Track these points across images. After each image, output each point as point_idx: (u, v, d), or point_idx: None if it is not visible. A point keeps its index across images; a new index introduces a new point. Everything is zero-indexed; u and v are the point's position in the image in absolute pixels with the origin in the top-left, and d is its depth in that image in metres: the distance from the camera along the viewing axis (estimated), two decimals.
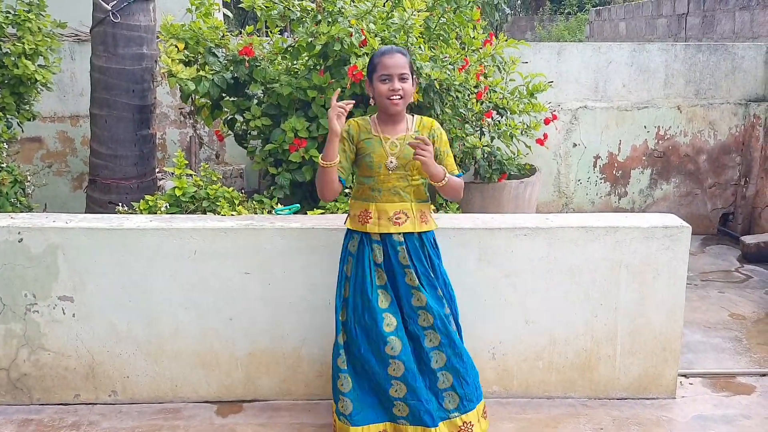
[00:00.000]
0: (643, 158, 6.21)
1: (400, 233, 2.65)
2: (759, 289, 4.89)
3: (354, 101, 2.74)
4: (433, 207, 3.96)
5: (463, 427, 2.68)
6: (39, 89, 4.48)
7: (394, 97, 2.57)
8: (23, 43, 4.21)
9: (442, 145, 2.72)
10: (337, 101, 2.57)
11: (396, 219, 2.65)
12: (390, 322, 2.63)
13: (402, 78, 2.57)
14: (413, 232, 2.67)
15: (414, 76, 2.65)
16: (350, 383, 2.68)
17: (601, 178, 6.24)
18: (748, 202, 6.16)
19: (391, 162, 2.63)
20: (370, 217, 2.65)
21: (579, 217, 3.31)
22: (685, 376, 3.52)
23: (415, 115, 2.75)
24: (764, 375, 3.58)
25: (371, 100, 2.70)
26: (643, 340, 3.25)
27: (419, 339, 2.66)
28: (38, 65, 4.37)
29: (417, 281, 2.65)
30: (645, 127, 6.14)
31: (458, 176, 2.74)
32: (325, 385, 3.19)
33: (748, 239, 5.59)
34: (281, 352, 3.20)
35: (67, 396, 3.21)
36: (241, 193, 3.89)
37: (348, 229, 2.78)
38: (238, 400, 3.25)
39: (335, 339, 2.74)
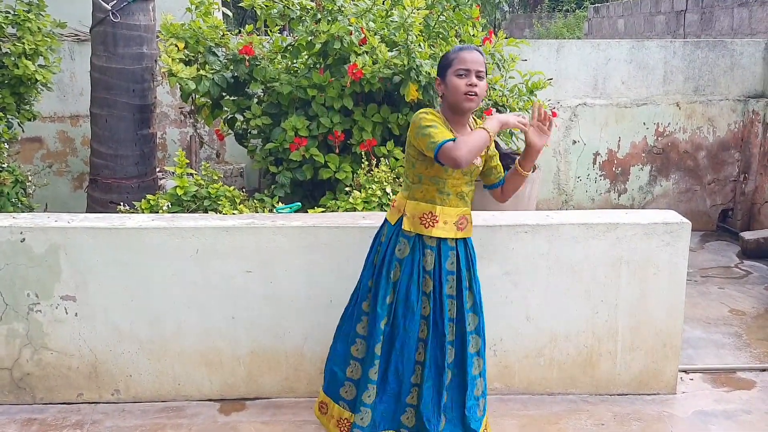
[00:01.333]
0: (643, 155, 6.22)
1: (454, 239, 2.56)
2: (758, 285, 4.90)
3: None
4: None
5: None
6: (39, 89, 4.49)
7: (470, 93, 2.43)
8: (23, 43, 4.21)
9: (493, 147, 2.64)
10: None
11: (460, 224, 2.55)
12: (423, 329, 2.58)
13: (479, 75, 2.45)
14: (462, 239, 2.59)
15: (485, 80, 2.53)
16: (375, 394, 2.60)
17: (600, 175, 6.25)
18: (748, 198, 6.17)
19: (474, 163, 2.52)
20: (437, 221, 2.51)
21: (579, 214, 3.32)
22: (685, 371, 3.54)
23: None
24: (764, 370, 3.59)
25: (439, 98, 2.59)
26: (643, 336, 3.26)
27: (443, 352, 2.59)
28: (38, 65, 4.37)
29: (455, 290, 2.57)
30: (644, 123, 6.15)
31: (501, 181, 2.70)
32: None
33: (748, 235, 5.61)
34: (283, 351, 3.21)
35: (70, 395, 3.22)
36: (242, 192, 3.90)
37: (399, 231, 2.60)
38: (240, 398, 3.26)
39: (365, 348, 2.63)
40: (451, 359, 2.60)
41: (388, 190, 3.64)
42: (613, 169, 6.24)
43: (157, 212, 3.59)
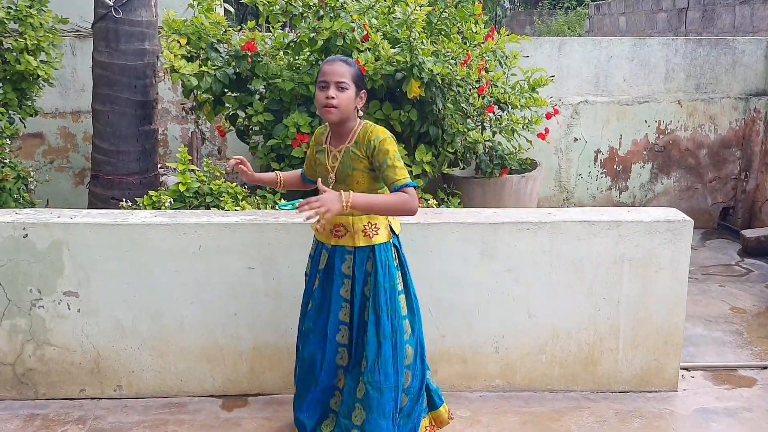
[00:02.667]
0: (644, 153, 6.22)
1: (352, 246, 2.57)
2: (759, 283, 4.91)
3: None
4: (434, 202, 3.99)
5: None
6: (41, 85, 4.48)
7: (327, 106, 2.42)
8: (25, 39, 4.21)
9: (380, 155, 2.44)
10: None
11: (336, 232, 2.58)
12: (304, 324, 2.71)
13: (339, 87, 2.42)
14: (366, 248, 2.55)
15: (361, 90, 2.50)
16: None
17: (601, 173, 6.25)
18: (749, 196, 6.17)
19: (331, 178, 2.54)
20: (319, 225, 2.46)
21: (582, 212, 3.32)
22: (686, 369, 3.54)
23: (366, 124, 2.54)
24: (765, 368, 3.60)
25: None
26: (645, 333, 3.27)
27: (332, 354, 2.65)
28: (40, 61, 4.37)
29: (349, 295, 2.59)
30: (645, 121, 6.15)
31: (398, 187, 2.41)
32: None
33: (749, 233, 5.61)
34: (286, 347, 3.21)
35: (72, 391, 3.22)
36: (244, 188, 3.90)
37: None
38: (243, 394, 3.26)
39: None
40: (344, 362, 2.66)
41: None
42: (615, 166, 6.24)
43: (160, 208, 3.59)
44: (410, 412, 2.67)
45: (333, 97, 2.42)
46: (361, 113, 2.56)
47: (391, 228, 2.61)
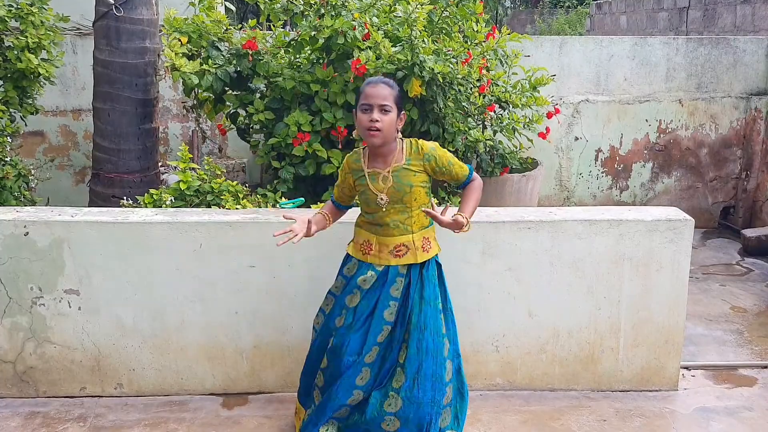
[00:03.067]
0: (645, 152, 6.22)
1: (405, 267, 2.59)
2: (760, 282, 4.90)
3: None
4: (435, 201, 3.98)
5: None
6: (42, 83, 4.47)
7: (372, 129, 2.44)
8: (26, 37, 4.20)
9: (441, 162, 2.57)
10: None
11: (397, 252, 2.58)
12: (330, 342, 2.68)
13: (383, 109, 2.44)
14: (417, 265, 2.60)
15: (402, 112, 2.53)
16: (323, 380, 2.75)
17: (602, 172, 6.25)
18: (749, 195, 6.17)
19: (382, 200, 2.53)
20: (371, 249, 2.60)
21: (583, 211, 3.32)
22: (687, 368, 3.54)
23: (410, 141, 2.60)
24: (766, 367, 3.60)
25: (355, 132, 2.63)
26: (646, 332, 3.27)
27: (382, 396, 2.62)
28: (41, 59, 4.36)
29: (393, 317, 2.59)
30: (646, 120, 6.15)
31: (469, 177, 2.64)
32: None
33: (749, 232, 5.61)
34: (286, 345, 3.22)
35: (73, 389, 3.22)
36: (245, 187, 3.89)
37: (347, 255, 2.73)
38: (243, 393, 3.26)
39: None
40: (362, 382, 2.62)
41: None
42: (615, 165, 6.24)
43: (161, 207, 3.59)
44: (458, 414, 2.74)
45: (377, 120, 2.44)
46: (400, 134, 2.57)
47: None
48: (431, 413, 2.59)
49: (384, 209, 2.54)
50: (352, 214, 3.22)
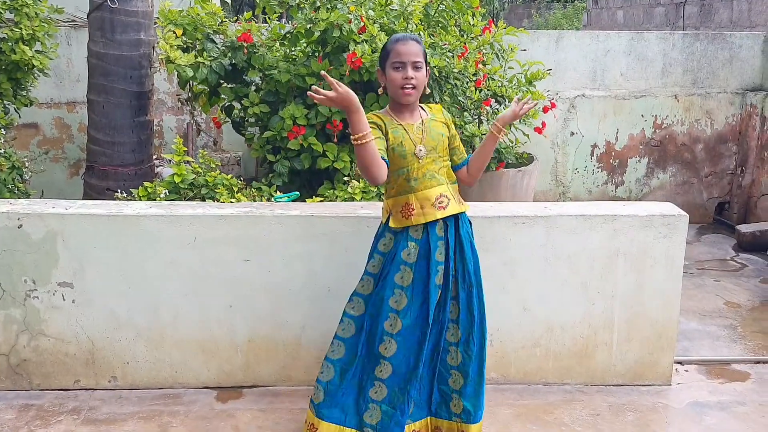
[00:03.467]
0: (640, 147, 6.23)
1: (442, 228, 2.55)
2: (754, 278, 4.92)
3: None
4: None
5: None
6: (36, 75, 4.45)
7: (407, 86, 2.43)
8: (20, 29, 4.17)
9: (454, 129, 2.67)
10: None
11: (439, 203, 2.53)
12: (394, 323, 2.54)
13: (416, 66, 2.44)
14: (453, 219, 2.57)
15: (427, 67, 2.54)
16: (332, 375, 2.60)
17: (598, 167, 6.25)
18: (744, 191, 6.19)
19: (420, 150, 2.51)
20: (413, 209, 2.51)
21: (577, 206, 3.32)
22: (680, 363, 3.56)
23: (421, 105, 2.62)
24: (759, 362, 3.62)
25: (381, 89, 2.58)
26: (639, 327, 3.28)
27: (443, 352, 2.61)
28: (35, 51, 4.34)
29: (448, 281, 2.56)
30: (642, 116, 6.15)
31: (465, 161, 2.69)
32: None
33: (744, 228, 5.63)
34: (281, 339, 3.22)
35: (67, 382, 3.22)
36: (240, 180, 3.89)
37: (385, 227, 2.61)
38: (238, 386, 3.27)
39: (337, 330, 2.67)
40: (453, 362, 2.63)
41: None
42: (611, 161, 6.25)
43: (155, 200, 3.58)
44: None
45: (413, 78, 2.43)
46: (428, 90, 2.58)
47: None
48: (481, 365, 2.66)
49: (420, 161, 2.52)
50: (348, 207, 3.23)
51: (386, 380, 2.56)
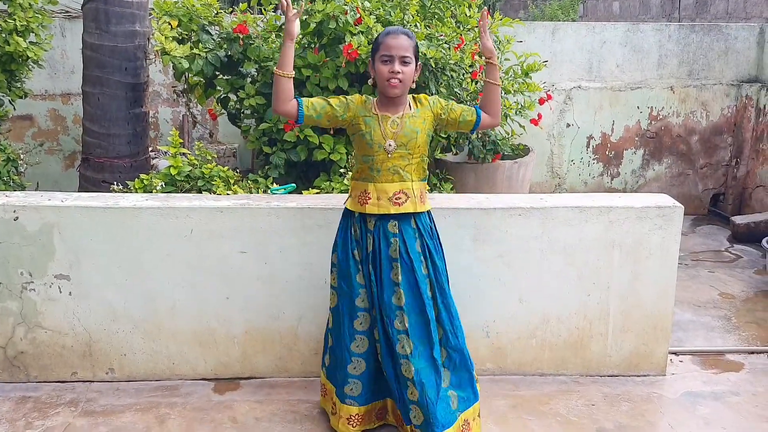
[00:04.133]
0: (636, 139, 6.24)
1: (395, 224, 2.59)
2: (748, 269, 4.95)
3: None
4: (427, 187, 3.99)
5: None
6: (30, 66, 4.43)
7: (393, 80, 2.48)
8: (14, 20, 4.15)
9: (443, 105, 2.65)
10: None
11: (396, 199, 2.57)
12: (363, 321, 2.67)
13: (403, 61, 2.48)
14: (410, 217, 2.61)
15: (418, 63, 2.56)
16: (364, 366, 2.71)
17: (594, 159, 6.26)
18: (739, 182, 6.21)
19: (390, 145, 2.54)
20: (369, 198, 2.58)
21: (573, 198, 3.33)
22: (675, 353, 3.58)
23: (411, 96, 2.66)
24: (752, 353, 3.64)
25: (371, 80, 2.62)
26: (634, 318, 3.29)
27: (393, 344, 2.62)
28: (29, 42, 4.32)
29: (400, 278, 2.59)
30: (638, 107, 6.16)
31: (478, 113, 2.69)
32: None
33: (739, 219, 5.65)
34: (278, 331, 3.22)
35: (64, 374, 3.22)
36: (236, 172, 3.88)
37: (346, 210, 2.71)
38: (235, 378, 3.27)
39: (346, 326, 2.72)
40: (403, 352, 2.60)
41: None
42: (607, 152, 6.26)
43: (151, 192, 3.57)
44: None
45: (399, 72, 2.47)
46: (414, 85, 2.60)
47: None
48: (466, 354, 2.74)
49: (389, 155, 2.56)
50: (344, 199, 3.23)
51: (360, 377, 2.73)
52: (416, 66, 2.56)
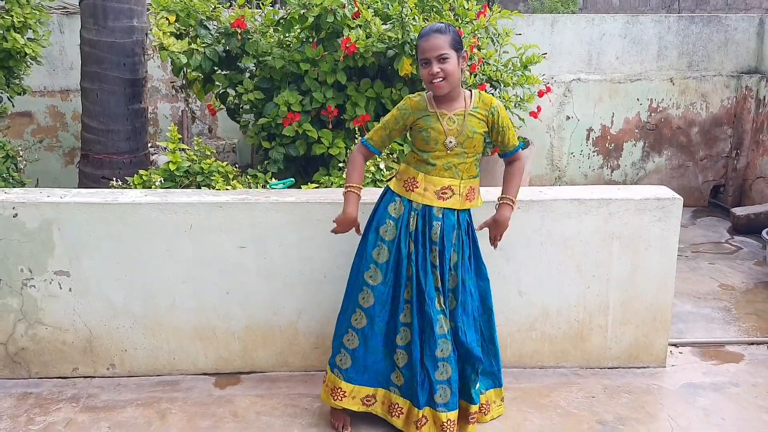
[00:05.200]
0: (636, 131, 6.23)
1: (441, 208, 2.63)
2: (748, 260, 4.95)
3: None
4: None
5: (447, 424, 2.69)
6: (29, 63, 4.43)
7: (435, 80, 2.49)
8: (12, 16, 4.14)
9: (502, 121, 2.65)
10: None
11: (442, 194, 2.61)
12: (410, 291, 2.68)
13: (441, 59, 2.47)
14: (453, 210, 2.65)
15: (461, 52, 2.54)
16: (357, 342, 2.72)
17: (593, 151, 6.26)
18: (739, 174, 6.20)
19: (450, 142, 2.57)
20: (417, 186, 2.62)
21: (572, 190, 3.33)
22: (675, 345, 3.59)
23: (474, 91, 2.66)
24: (752, 344, 3.64)
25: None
26: (634, 310, 3.30)
27: (431, 323, 2.65)
28: (27, 38, 4.31)
29: (437, 261, 2.64)
30: (638, 99, 6.15)
31: (518, 148, 2.75)
32: (322, 357, 3.23)
33: (739, 211, 5.65)
34: (278, 325, 3.23)
35: (65, 370, 3.23)
36: (235, 167, 3.88)
37: (389, 190, 2.73)
38: (235, 372, 3.28)
39: (351, 298, 2.75)
40: (441, 331, 2.66)
41: (382, 165, 3.63)
42: (607, 145, 6.25)
43: (150, 188, 3.58)
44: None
45: (438, 71, 2.49)
46: (467, 73, 2.59)
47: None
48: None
49: (448, 151, 2.59)
50: (338, 193, 3.22)
51: (405, 347, 2.73)
52: (459, 56, 2.53)
